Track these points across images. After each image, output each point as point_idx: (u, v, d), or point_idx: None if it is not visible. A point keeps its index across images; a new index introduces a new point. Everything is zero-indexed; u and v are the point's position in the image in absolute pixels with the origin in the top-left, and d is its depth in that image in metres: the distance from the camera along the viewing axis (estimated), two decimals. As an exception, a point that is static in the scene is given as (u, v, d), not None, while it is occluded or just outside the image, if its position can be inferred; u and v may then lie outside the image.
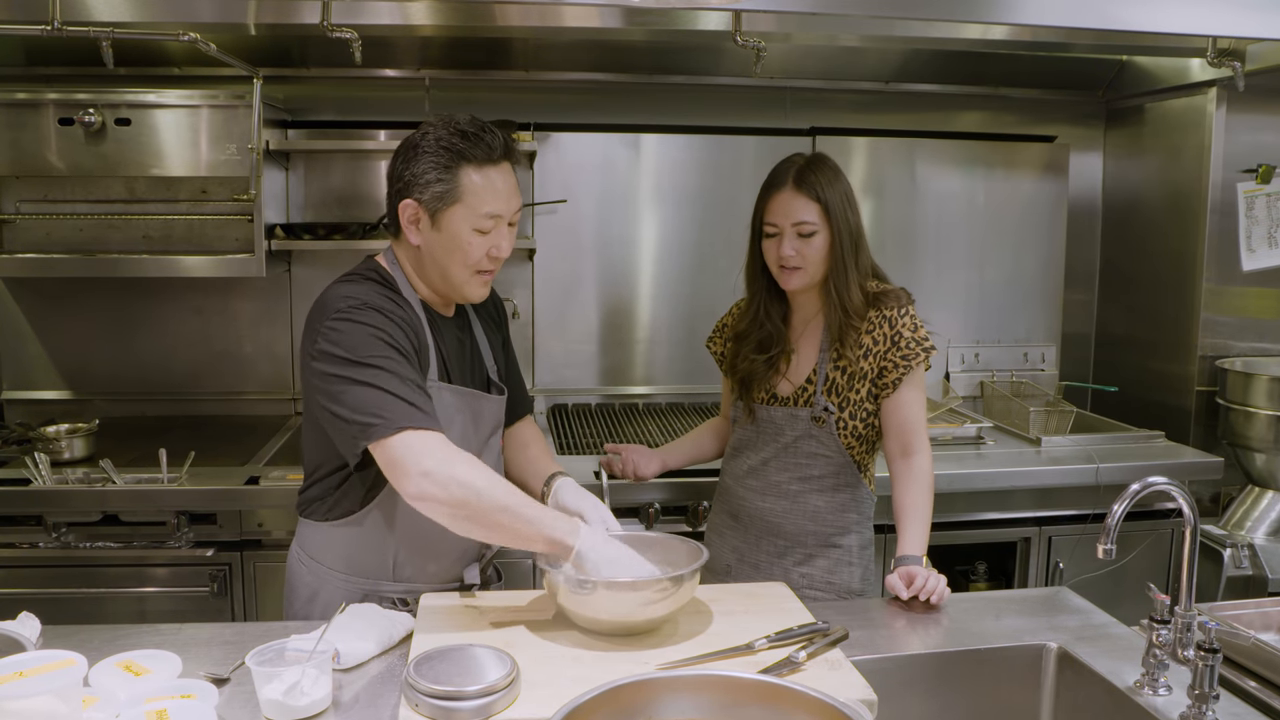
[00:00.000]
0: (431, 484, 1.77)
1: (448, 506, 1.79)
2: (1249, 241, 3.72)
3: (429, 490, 1.77)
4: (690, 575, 1.83)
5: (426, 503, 1.79)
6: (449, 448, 1.82)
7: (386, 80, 3.81)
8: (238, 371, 3.84)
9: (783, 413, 2.37)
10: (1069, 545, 3.31)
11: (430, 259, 2.02)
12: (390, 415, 1.80)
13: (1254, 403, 3.48)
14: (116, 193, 3.56)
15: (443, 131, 1.96)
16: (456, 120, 1.98)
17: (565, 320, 3.95)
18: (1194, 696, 1.60)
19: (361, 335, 1.88)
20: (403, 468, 1.79)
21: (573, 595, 1.80)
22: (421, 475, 1.77)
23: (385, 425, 1.80)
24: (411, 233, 2.00)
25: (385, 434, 1.80)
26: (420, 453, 1.78)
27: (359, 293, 1.96)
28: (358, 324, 1.89)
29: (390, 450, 1.80)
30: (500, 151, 1.98)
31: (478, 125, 1.98)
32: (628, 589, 1.79)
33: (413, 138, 2.00)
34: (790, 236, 2.27)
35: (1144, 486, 1.69)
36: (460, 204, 1.96)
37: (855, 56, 3.86)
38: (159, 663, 1.69)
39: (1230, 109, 3.63)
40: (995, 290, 4.14)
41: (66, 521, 2.93)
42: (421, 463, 1.78)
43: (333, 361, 1.87)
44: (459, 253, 1.99)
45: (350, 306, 1.92)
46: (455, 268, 2.01)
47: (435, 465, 1.77)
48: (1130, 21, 2.64)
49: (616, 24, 3.09)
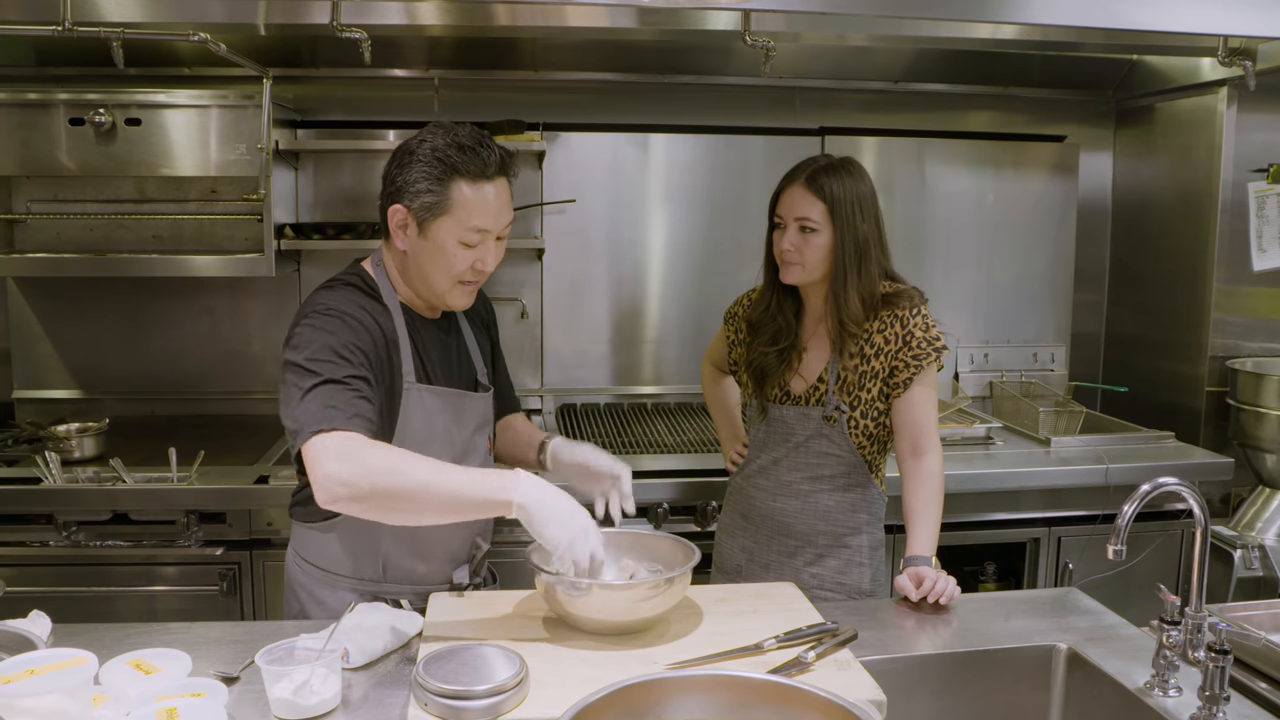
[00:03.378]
0: (334, 484, 1.72)
1: (359, 502, 1.73)
2: (1260, 241, 3.70)
3: (335, 491, 1.72)
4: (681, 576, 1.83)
5: (338, 503, 1.74)
6: (354, 443, 1.75)
7: (395, 80, 3.82)
8: (247, 371, 3.85)
9: (794, 412, 2.37)
10: (1078, 546, 3.30)
11: (415, 265, 2.02)
12: (308, 421, 1.78)
13: (1265, 403, 3.46)
14: (127, 193, 3.57)
15: (440, 141, 1.95)
16: (456, 131, 1.96)
17: (574, 320, 3.95)
18: (1204, 698, 1.60)
19: (314, 340, 1.87)
20: (313, 474, 1.75)
21: (565, 596, 1.80)
22: (324, 477, 1.73)
23: (302, 432, 1.78)
24: (399, 237, 2.00)
25: (301, 441, 1.78)
26: (321, 456, 1.74)
27: (330, 299, 1.96)
28: (314, 329, 1.89)
29: (306, 456, 1.77)
30: (495, 167, 1.97)
31: (476, 139, 1.96)
32: (621, 589, 1.80)
33: (409, 143, 1.98)
34: (792, 230, 2.28)
35: (1154, 487, 1.68)
36: (448, 216, 1.95)
37: (864, 56, 3.85)
38: (169, 661, 1.69)
39: (1241, 108, 3.62)
40: (1005, 290, 4.14)
41: (77, 520, 2.94)
42: (323, 465, 1.73)
43: (286, 367, 1.88)
44: (443, 263, 1.98)
45: (314, 312, 1.92)
46: (438, 277, 2.00)
47: (334, 465, 1.72)
48: (1140, 21, 2.63)
49: (625, 24, 3.09)
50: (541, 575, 1.82)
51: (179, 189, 3.58)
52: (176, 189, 3.58)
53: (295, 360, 1.87)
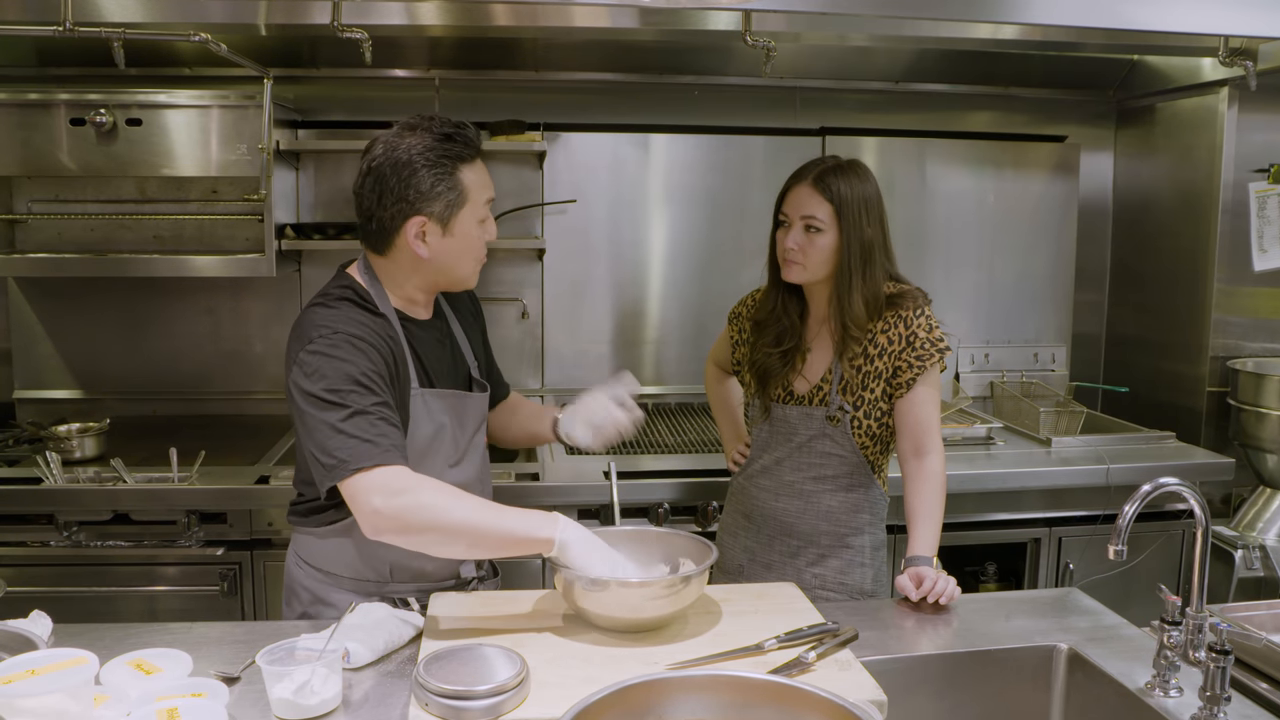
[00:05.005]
0: (382, 519, 1.80)
1: (405, 535, 1.82)
2: (1261, 241, 3.70)
3: (381, 525, 1.81)
4: (700, 574, 1.84)
5: (384, 535, 1.82)
6: (401, 478, 1.82)
7: (396, 80, 3.82)
8: (248, 371, 3.85)
9: (797, 412, 2.37)
10: (1079, 546, 3.30)
11: (436, 266, 2.02)
12: (347, 457, 1.82)
13: (1265, 404, 3.46)
14: (127, 193, 3.57)
15: (429, 140, 1.95)
16: (430, 125, 1.96)
17: (574, 320, 3.95)
18: (1205, 698, 1.60)
19: (330, 370, 1.88)
20: (356, 507, 1.83)
21: (584, 593, 1.80)
22: (372, 513, 1.80)
23: (342, 468, 1.82)
24: (418, 247, 1.98)
25: (342, 476, 1.82)
26: (369, 492, 1.80)
27: (333, 320, 1.95)
28: (327, 357, 1.89)
29: (347, 490, 1.83)
30: (477, 141, 2.02)
31: (451, 124, 1.99)
32: (637, 587, 1.80)
33: (396, 155, 1.93)
34: (797, 229, 2.28)
35: (1155, 487, 1.68)
36: (468, 204, 1.99)
37: (865, 56, 3.85)
38: (170, 661, 1.69)
39: (1242, 108, 3.62)
40: (1005, 290, 4.13)
41: (77, 520, 2.94)
42: (371, 501, 1.80)
43: (304, 397, 1.89)
44: (469, 249, 2.02)
45: (321, 337, 1.91)
46: (465, 264, 2.04)
47: (382, 501, 1.79)
48: (1141, 21, 2.63)
49: (626, 24, 3.09)
50: (561, 571, 1.83)
51: (180, 189, 3.58)
52: (177, 189, 3.58)
53: (313, 391, 1.87)
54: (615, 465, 2.36)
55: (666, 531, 2.10)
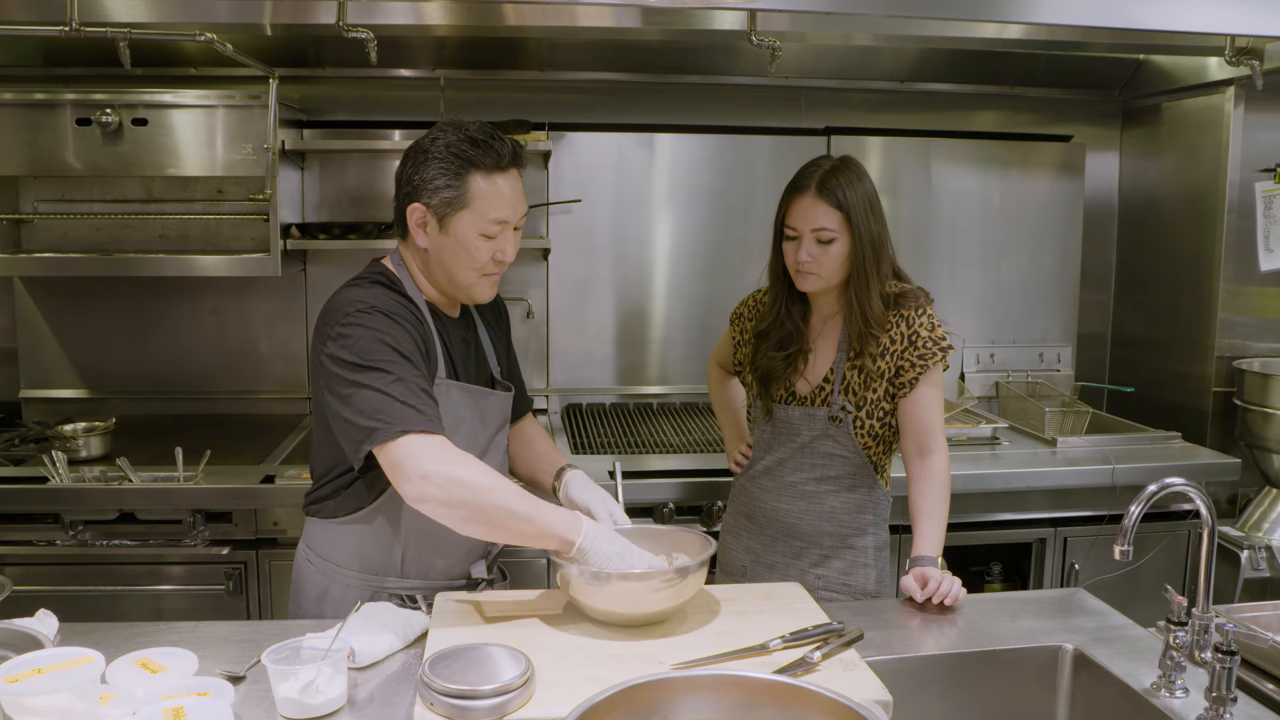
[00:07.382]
0: (431, 486, 1.80)
1: (447, 507, 1.82)
2: (1267, 241, 3.69)
3: (429, 492, 1.81)
4: (698, 566, 1.85)
5: (427, 504, 1.82)
6: (449, 450, 1.84)
7: (402, 80, 3.82)
8: (253, 371, 3.86)
9: (800, 412, 2.37)
10: (1085, 546, 3.30)
11: (437, 261, 2.04)
12: (392, 420, 1.83)
13: (1271, 404, 3.45)
14: (133, 192, 3.58)
15: (453, 137, 1.98)
16: (467, 126, 2.00)
17: (580, 320, 3.95)
18: (1211, 699, 1.60)
19: (368, 340, 1.90)
20: (403, 471, 1.82)
21: (585, 587, 1.81)
22: (421, 478, 1.80)
23: (387, 429, 1.83)
24: (419, 235, 2.02)
25: (387, 438, 1.83)
26: (419, 456, 1.81)
27: (367, 297, 1.97)
28: (365, 329, 1.91)
29: (391, 454, 1.83)
30: (509, 158, 2.01)
31: (487, 132, 2.00)
32: (637, 579, 1.81)
33: (422, 142, 2.01)
34: (809, 242, 2.26)
35: (1161, 488, 1.68)
36: (468, 210, 1.98)
37: (870, 56, 3.85)
38: (175, 660, 1.70)
39: (1248, 108, 3.61)
40: (1011, 290, 4.13)
41: (83, 519, 2.95)
42: (421, 466, 1.81)
43: (341, 365, 1.90)
44: (465, 256, 2.02)
45: (359, 311, 1.94)
46: (461, 270, 2.04)
47: (434, 468, 1.80)
48: (1147, 20, 2.63)
49: (631, 24, 3.09)
50: (564, 567, 1.83)
51: (185, 189, 3.58)
52: (183, 189, 3.58)
53: (352, 360, 1.88)
54: (620, 465, 2.36)
55: (664, 528, 2.10)
